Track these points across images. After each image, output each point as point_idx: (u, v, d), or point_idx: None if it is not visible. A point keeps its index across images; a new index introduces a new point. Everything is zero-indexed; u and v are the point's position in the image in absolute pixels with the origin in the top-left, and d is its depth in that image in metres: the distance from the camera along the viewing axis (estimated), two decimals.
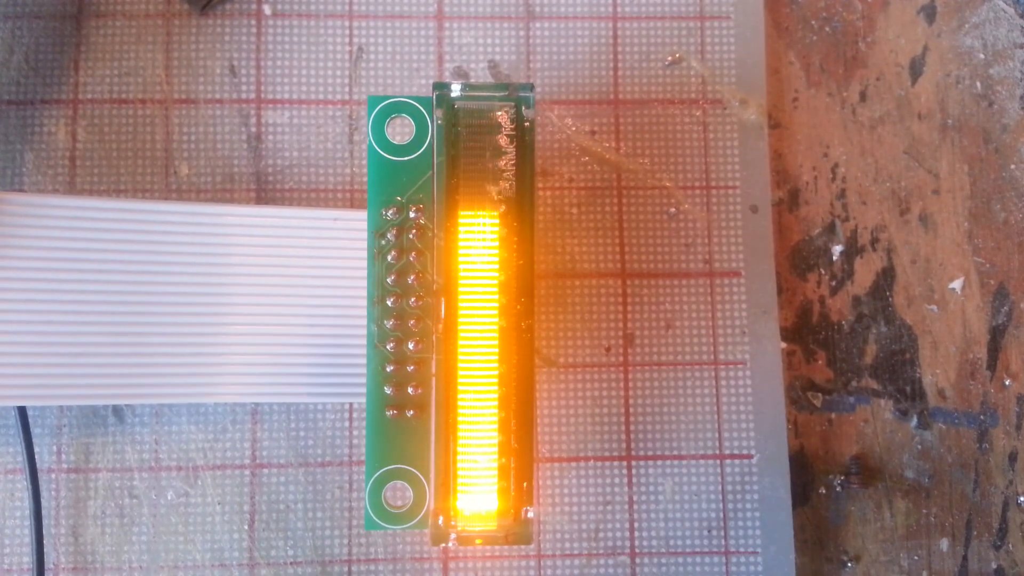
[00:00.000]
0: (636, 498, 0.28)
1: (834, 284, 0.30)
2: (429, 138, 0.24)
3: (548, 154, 0.29)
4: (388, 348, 0.24)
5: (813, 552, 0.29)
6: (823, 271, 0.30)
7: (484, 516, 0.23)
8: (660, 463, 0.28)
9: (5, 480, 0.27)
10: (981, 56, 0.31)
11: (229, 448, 0.28)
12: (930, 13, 0.31)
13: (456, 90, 0.23)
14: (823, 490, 0.29)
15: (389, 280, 0.24)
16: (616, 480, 0.28)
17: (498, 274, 0.23)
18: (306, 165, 0.29)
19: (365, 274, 0.24)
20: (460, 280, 0.23)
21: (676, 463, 0.28)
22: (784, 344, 0.29)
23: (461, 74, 0.29)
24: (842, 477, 0.29)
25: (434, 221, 0.23)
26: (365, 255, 0.24)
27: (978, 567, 0.29)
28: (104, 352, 0.25)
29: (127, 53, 0.29)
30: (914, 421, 0.30)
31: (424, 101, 0.24)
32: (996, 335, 0.30)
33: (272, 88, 0.29)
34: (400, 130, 0.24)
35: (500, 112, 0.23)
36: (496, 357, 0.23)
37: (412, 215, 0.24)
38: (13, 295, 0.24)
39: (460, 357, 0.23)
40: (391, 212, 0.24)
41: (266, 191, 0.29)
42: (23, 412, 0.26)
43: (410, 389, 0.24)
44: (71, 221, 0.25)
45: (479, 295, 0.23)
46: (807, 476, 0.30)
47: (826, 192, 0.30)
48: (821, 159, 0.31)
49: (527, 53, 0.30)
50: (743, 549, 0.28)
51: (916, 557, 0.29)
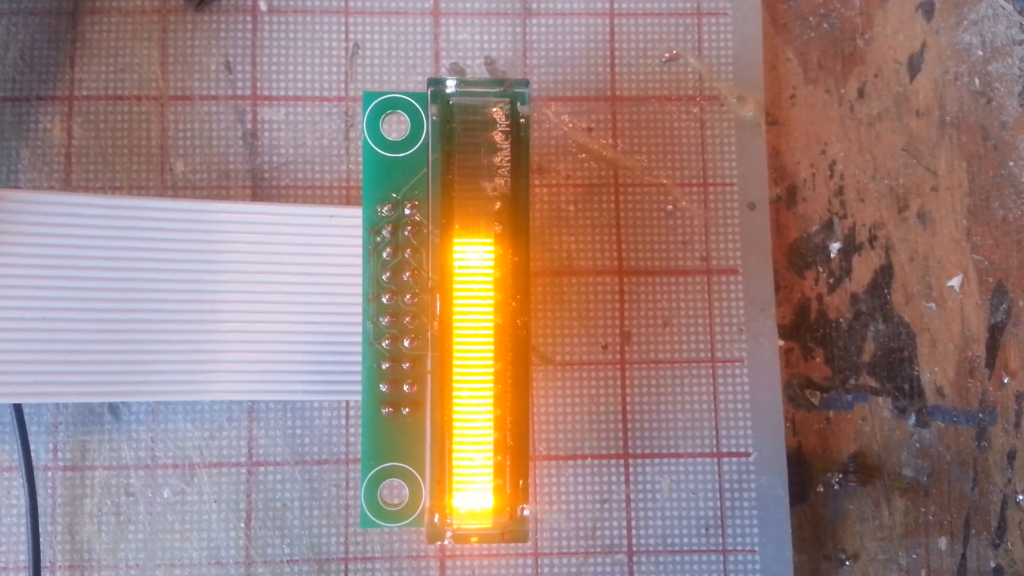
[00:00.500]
0: (633, 496, 0.28)
1: (832, 281, 0.30)
2: (424, 134, 0.24)
3: (545, 151, 0.29)
4: (384, 345, 0.23)
5: (811, 550, 0.29)
6: (821, 268, 0.30)
7: (480, 514, 0.22)
8: (657, 461, 0.28)
9: (1, 478, 0.27)
10: (979, 53, 0.31)
11: (225, 446, 0.28)
12: (928, 10, 0.31)
13: (451, 86, 0.23)
14: (821, 488, 0.29)
15: (384, 277, 0.23)
16: (613, 478, 0.28)
17: (494, 271, 0.23)
18: (302, 162, 0.29)
19: (360, 271, 0.24)
20: (455, 277, 0.23)
21: (673, 461, 0.28)
22: (782, 342, 0.29)
23: (457, 70, 0.29)
24: (840, 475, 0.29)
25: (429, 218, 0.23)
26: (360, 252, 0.24)
27: (976, 565, 0.29)
28: (100, 349, 0.25)
29: (123, 49, 0.29)
30: (912, 419, 0.30)
31: (419, 97, 0.24)
32: (995, 333, 0.30)
33: (268, 84, 0.29)
34: (395, 126, 0.24)
35: (495, 108, 0.23)
36: (492, 354, 0.23)
37: (407, 212, 0.24)
38: (8, 292, 0.24)
39: (456, 354, 0.23)
40: (386, 209, 0.24)
41: (262, 188, 0.29)
42: (19, 409, 0.26)
43: (406, 386, 0.23)
44: (67, 218, 0.25)
45: (475, 292, 0.23)
46: (805, 474, 0.29)
47: (824, 189, 0.30)
48: (819, 156, 0.30)
49: (523, 49, 0.30)
50: (741, 547, 0.28)
51: (914, 555, 0.29)
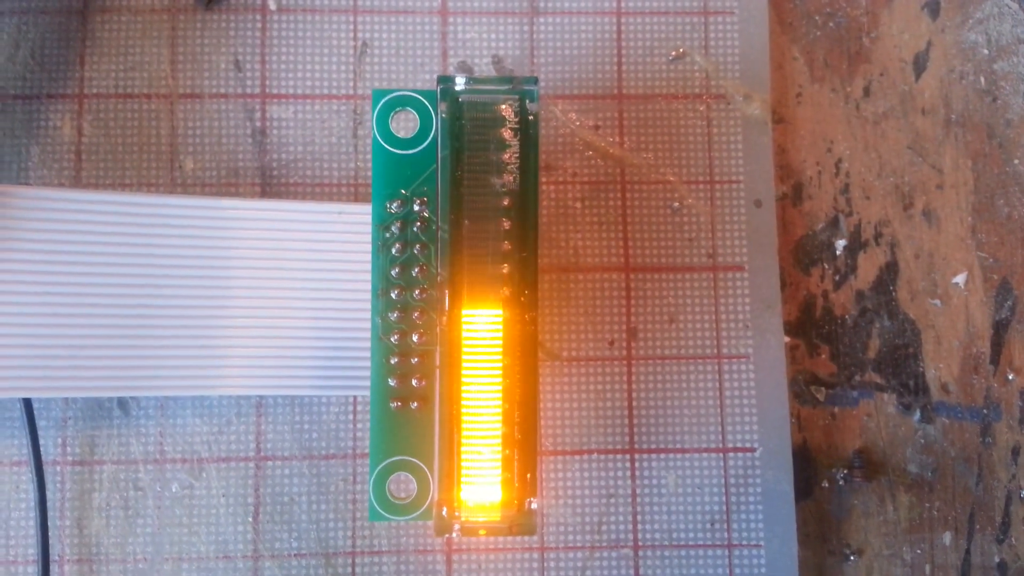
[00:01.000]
0: (639, 491, 0.28)
1: (837, 278, 0.30)
2: (433, 131, 0.24)
3: (552, 149, 0.29)
4: (392, 340, 0.24)
5: (816, 545, 0.29)
6: (826, 265, 0.30)
7: (488, 507, 0.23)
8: (663, 456, 0.28)
9: (10, 472, 0.27)
10: (985, 51, 0.31)
11: (234, 440, 0.28)
12: (934, 8, 0.31)
13: (460, 83, 0.23)
14: (826, 484, 0.29)
15: (393, 273, 0.24)
16: (619, 473, 0.28)
17: (502, 266, 0.23)
18: (311, 159, 0.29)
19: (369, 267, 0.24)
20: (464, 273, 0.23)
21: (679, 456, 0.28)
22: (787, 338, 0.30)
23: (465, 69, 0.30)
24: (845, 471, 0.29)
25: (438, 214, 0.23)
26: (369, 248, 0.24)
27: (981, 561, 0.29)
28: (109, 344, 0.25)
29: (132, 48, 0.29)
30: (917, 415, 0.30)
31: (428, 95, 0.24)
32: (999, 330, 0.30)
33: (277, 83, 0.29)
34: (404, 124, 0.24)
35: (504, 106, 0.23)
36: (500, 349, 0.23)
37: (416, 208, 0.24)
38: (19, 288, 0.24)
39: (464, 349, 0.23)
40: (395, 205, 0.24)
41: (271, 185, 0.29)
42: (28, 404, 0.26)
43: (414, 381, 0.24)
44: (77, 215, 0.25)
45: (483, 287, 0.23)
46: (810, 470, 0.30)
47: (830, 187, 0.30)
48: (825, 154, 0.31)
49: (531, 48, 0.30)
50: (746, 542, 0.28)
51: (919, 551, 0.29)
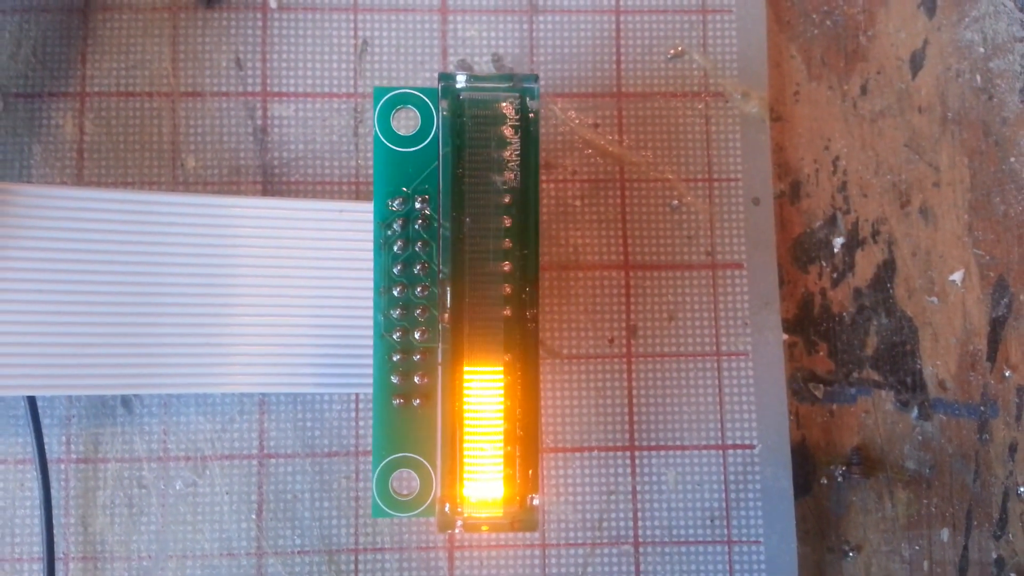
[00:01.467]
0: (639, 487, 0.28)
1: (835, 276, 0.30)
2: (434, 129, 0.24)
3: (551, 147, 0.30)
4: (395, 337, 0.24)
5: (815, 542, 0.29)
6: (824, 263, 0.30)
7: (490, 503, 0.23)
8: (663, 453, 0.29)
9: (15, 470, 0.27)
10: (981, 50, 0.31)
11: (237, 438, 0.28)
12: (930, 7, 0.31)
13: (461, 81, 0.23)
14: (825, 480, 0.30)
15: (395, 270, 0.24)
16: (620, 470, 0.28)
17: (503, 264, 0.23)
18: (312, 157, 0.29)
19: (371, 265, 0.24)
20: (466, 270, 0.23)
21: (679, 453, 0.29)
22: (786, 336, 0.30)
23: (465, 67, 0.30)
24: (843, 467, 0.30)
25: (439, 211, 0.23)
26: (371, 246, 0.24)
27: (978, 557, 0.29)
28: (113, 342, 0.25)
29: (134, 46, 0.29)
30: (915, 412, 0.30)
31: (430, 92, 0.24)
32: (996, 327, 0.30)
33: (278, 81, 0.29)
34: (405, 121, 0.24)
35: (505, 103, 0.23)
36: (502, 346, 0.23)
37: (418, 206, 0.24)
38: (22, 286, 0.24)
39: (466, 346, 0.23)
40: (397, 203, 0.24)
41: (272, 183, 0.29)
42: (32, 402, 0.26)
43: (416, 378, 0.24)
44: (79, 213, 0.25)
45: (485, 284, 0.23)
46: (809, 466, 0.30)
47: (827, 185, 0.31)
48: (822, 152, 0.31)
49: (530, 46, 0.30)
50: (745, 538, 0.28)
51: (917, 547, 0.29)
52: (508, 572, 0.28)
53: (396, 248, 0.24)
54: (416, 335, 0.24)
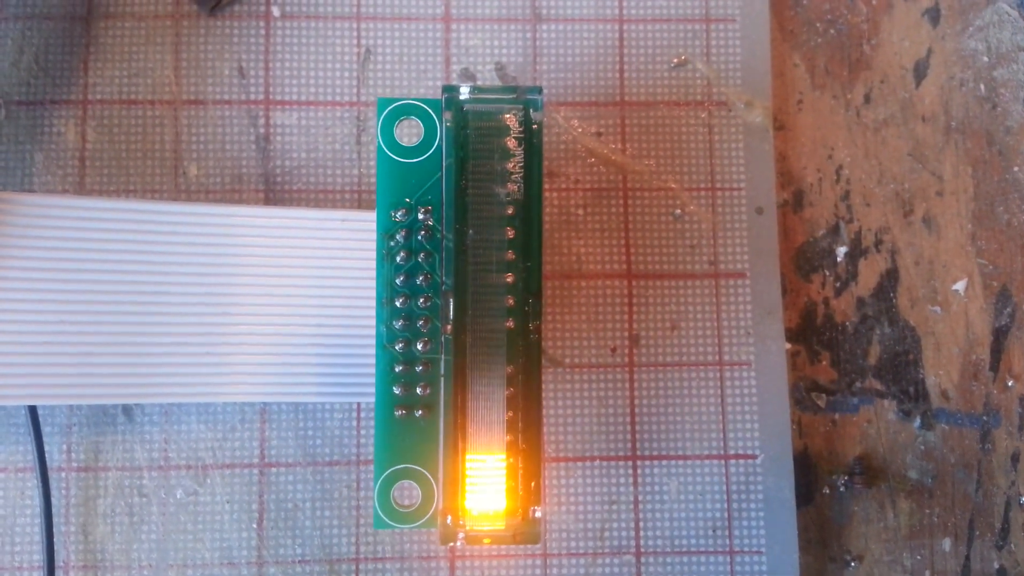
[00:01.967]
0: (641, 498, 0.28)
1: (838, 285, 0.30)
2: (438, 140, 0.24)
3: (554, 155, 0.30)
4: (397, 349, 0.24)
5: (817, 552, 0.29)
6: (827, 272, 0.30)
7: (492, 515, 0.23)
8: (665, 463, 0.29)
9: (16, 478, 0.27)
10: (985, 59, 0.31)
11: (238, 447, 0.28)
12: (934, 16, 0.31)
13: (465, 93, 0.23)
14: (827, 490, 0.30)
15: (398, 281, 0.24)
16: (622, 480, 0.28)
17: (507, 276, 0.23)
18: (314, 166, 0.29)
19: (373, 275, 0.24)
20: (469, 281, 0.23)
21: (681, 463, 0.29)
22: (788, 345, 0.30)
23: (468, 76, 0.30)
24: (846, 477, 0.29)
25: (443, 223, 0.23)
26: (373, 256, 0.24)
27: (980, 567, 0.29)
28: (114, 352, 0.25)
29: (136, 54, 0.29)
30: (917, 422, 0.30)
31: (433, 103, 0.24)
32: (999, 336, 0.30)
33: (280, 89, 0.29)
34: (409, 132, 0.24)
35: (509, 115, 0.23)
36: (504, 358, 0.23)
37: (421, 217, 0.24)
38: (23, 295, 0.24)
39: (469, 358, 0.23)
40: (400, 214, 0.24)
41: (274, 192, 0.29)
42: (33, 411, 0.26)
43: (419, 389, 0.24)
44: (81, 221, 0.25)
45: (488, 296, 0.23)
46: (811, 476, 0.30)
47: (830, 194, 0.31)
48: (826, 161, 0.31)
49: (534, 55, 0.30)
50: (747, 549, 0.28)
51: (919, 557, 0.29)
52: None
53: (399, 259, 0.24)
54: (418, 346, 0.24)
